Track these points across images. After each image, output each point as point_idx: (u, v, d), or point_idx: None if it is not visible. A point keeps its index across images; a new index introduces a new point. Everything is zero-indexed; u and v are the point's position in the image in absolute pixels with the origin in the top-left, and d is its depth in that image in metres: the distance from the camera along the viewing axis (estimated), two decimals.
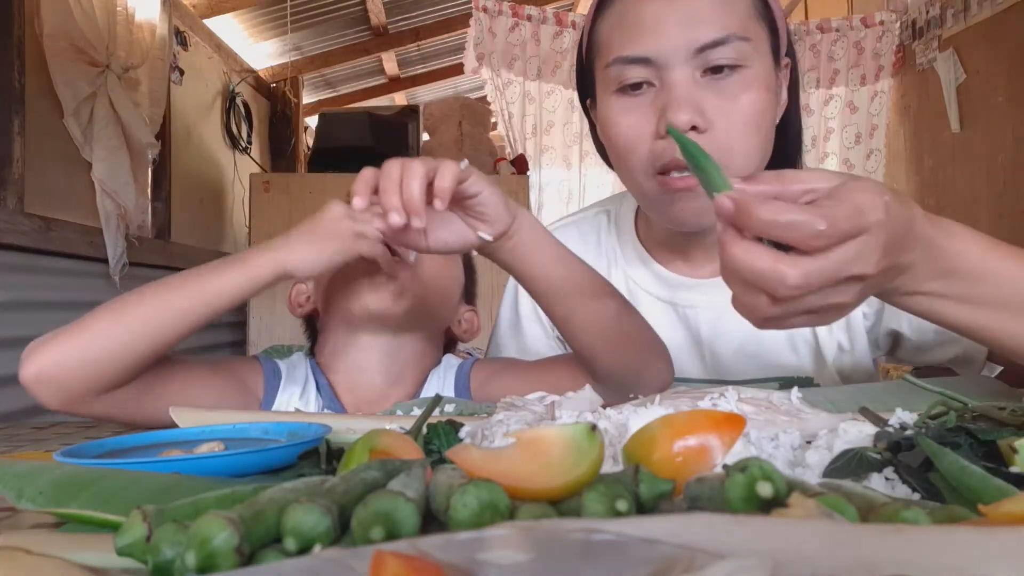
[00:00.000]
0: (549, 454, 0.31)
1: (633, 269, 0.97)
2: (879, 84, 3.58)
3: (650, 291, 0.95)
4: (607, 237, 1.01)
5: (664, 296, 0.94)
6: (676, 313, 0.93)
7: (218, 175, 3.73)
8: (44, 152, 2.29)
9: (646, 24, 0.78)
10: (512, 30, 3.53)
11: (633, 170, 0.82)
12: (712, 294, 0.90)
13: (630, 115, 0.80)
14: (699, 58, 0.76)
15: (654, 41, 0.77)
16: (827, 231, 0.44)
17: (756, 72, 0.78)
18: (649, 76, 0.79)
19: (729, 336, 0.91)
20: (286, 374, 0.87)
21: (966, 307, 0.55)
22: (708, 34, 0.76)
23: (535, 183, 3.60)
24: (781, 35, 0.84)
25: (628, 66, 0.79)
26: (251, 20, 3.83)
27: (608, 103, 0.83)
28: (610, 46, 0.81)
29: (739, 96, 0.77)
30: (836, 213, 0.45)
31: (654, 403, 0.51)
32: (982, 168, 2.91)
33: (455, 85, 5.69)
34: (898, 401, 0.53)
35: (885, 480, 0.37)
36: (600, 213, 1.04)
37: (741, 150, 0.78)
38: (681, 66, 0.77)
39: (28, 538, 0.34)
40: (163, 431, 0.55)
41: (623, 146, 0.82)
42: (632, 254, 0.98)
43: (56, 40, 2.26)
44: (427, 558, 0.20)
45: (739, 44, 0.77)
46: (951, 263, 0.53)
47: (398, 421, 0.59)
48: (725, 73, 0.77)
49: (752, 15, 0.80)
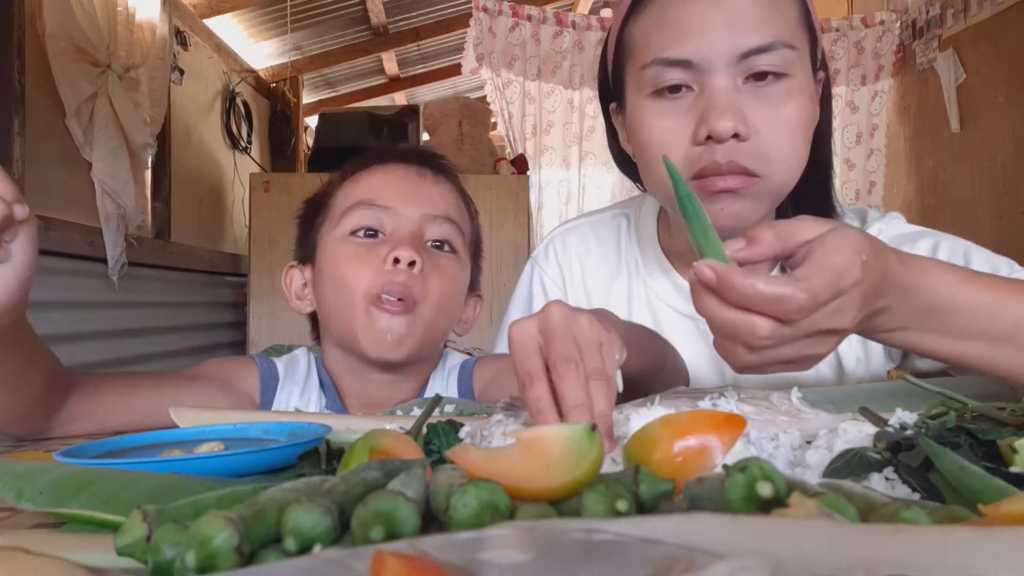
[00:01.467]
0: (549, 454, 0.30)
1: (654, 280, 0.94)
2: (879, 84, 3.58)
3: (671, 304, 0.92)
4: (628, 244, 0.98)
5: (685, 310, 0.91)
6: (697, 328, 0.90)
7: (218, 175, 3.73)
8: (44, 152, 2.29)
9: (689, 25, 0.75)
10: (512, 30, 3.53)
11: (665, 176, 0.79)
12: None
13: (666, 119, 0.77)
14: (743, 64, 0.74)
15: (696, 43, 0.74)
16: (807, 306, 0.46)
17: (800, 82, 0.76)
18: (688, 80, 0.76)
19: None
20: (284, 373, 0.87)
21: (946, 339, 0.57)
22: (754, 39, 0.73)
23: (535, 183, 3.60)
24: (820, 46, 0.82)
25: (667, 68, 0.76)
26: (251, 20, 3.83)
27: (642, 106, 0.79)
28: (646, 47, 0.78)
29: (782, 105, 0.75)
30: (815, 284, 0.46)
31: (654, 403, 0.51)
32: (982, 168, 2.91)
33: (455, 85, 5.69)
34: (898, 401, 0.53)
35: (885, 480, 0.37)
36: (619, 216, 1.01)
37: (784, 160, 0.76)
38: (724, 71, 0.74)
39: (28, 538, 0.34)
40: (163, 431, 0.55)
41: (656, 151, 0.78)
42: (654, 265, 0.95)
43: (58, 40, 2.26)
44: (427, 558, 0.20)
45: (785, 52, 0.74)
46: (925, 300, 0.55)
47: (398, 421, 0.58)
48: (768, 80, 0.75)
49: (799, 23, 0.77)
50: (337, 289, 0.82)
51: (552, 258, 1.01)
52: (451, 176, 0.91)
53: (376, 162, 0.89)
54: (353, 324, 0.81)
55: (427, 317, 0.81)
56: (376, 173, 0.87)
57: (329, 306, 0.84)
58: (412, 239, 0.82)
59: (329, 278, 0.84)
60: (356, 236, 0.83)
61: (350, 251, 0.83)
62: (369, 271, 0.80)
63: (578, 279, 0.99)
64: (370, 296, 0.80)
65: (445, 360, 0.92)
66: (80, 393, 0.73)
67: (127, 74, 2.56)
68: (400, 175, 0.86)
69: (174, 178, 3.19)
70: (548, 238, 1.05)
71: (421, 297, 0.80)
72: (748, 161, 0.74)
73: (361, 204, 0.83)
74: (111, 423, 0.73)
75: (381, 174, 0.87)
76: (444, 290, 0.83)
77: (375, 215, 0.83)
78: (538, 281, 1.01)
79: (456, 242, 0.86)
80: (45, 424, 0.71)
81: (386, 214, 0.83)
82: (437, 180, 0.88)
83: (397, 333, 0.79)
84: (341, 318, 0.83)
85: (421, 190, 0.86)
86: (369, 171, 0.88)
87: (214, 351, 3.33)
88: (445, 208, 0.86)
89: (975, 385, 0.65)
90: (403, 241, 0.81)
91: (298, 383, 0.86)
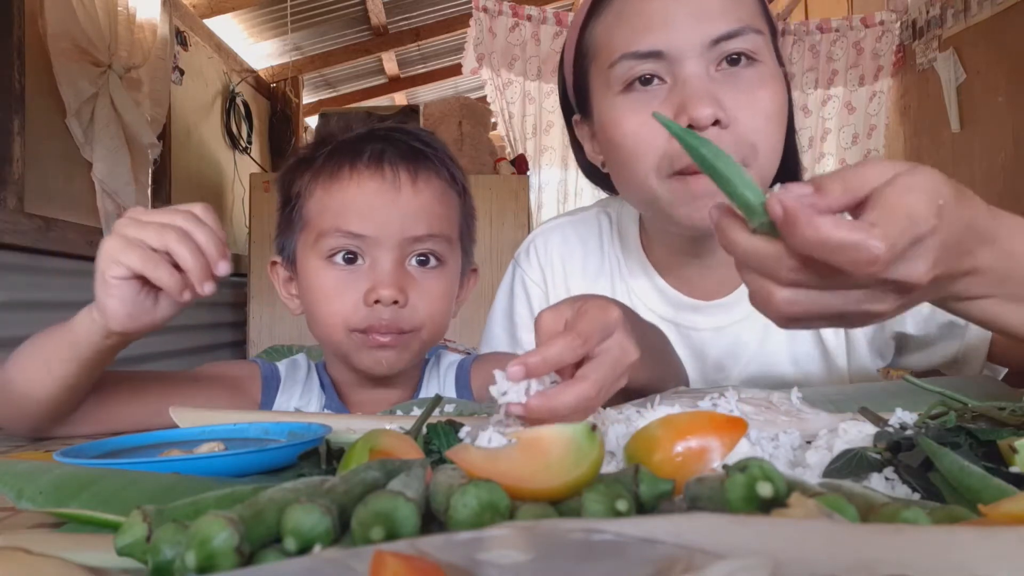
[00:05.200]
0: (549, 454, 0.30)
1: (637, 282, 0.92)
2: (878, 84, 3.58)
3: (653, 309, 0.91)
4: (610, 245, 0.96)
5: (667, 315, 0.90)
6: (679, 332, 0.89)
7: (218, 175, 3.74)
8: (44, 152, 2.29)
9: (653, 19, 0.74)
10: (512, 30, 3.53)
11: (643, 173, 0.76)
12: (717, 316, 0.88)
13: (640, 113, 0.74)
14: (714, 50, 0.73)
15: (664, 34, 0.73)
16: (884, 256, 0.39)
17: (770, 68, 0.76)
18: (660, 71, 0.74)
19: (735, 358, 0.88)
20: (285, 375, 0.87)
21: None
22: (722, 26, 0.73)
23: (535, 183, 3.60)
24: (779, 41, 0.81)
25: (637, 62, 0.74)
26: (251, 20, 3.83)
27: (613, 104, 0.77)
28: (611, 45, 0.77)
29: (757, 90, 0.74)
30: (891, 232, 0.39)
31: (654, 403, 0.51)
32: (982, 168, 2.91)
33: (455, 85, 5.69)
34: (898, 401, 0.53)
35: (885, 480, 0.37)
36: (601, 214, 1.00)
37: (766, 147, 0.74)
38: (696, 59, 0.73)
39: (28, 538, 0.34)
40: (163, 431, 0.55)
41: (632, 146, 0.76)
42: (636, 267, 0.93)
43: (59, 40, 2.26)
44: (427, 558, 0.20)
45: (754, 36, 0.74)
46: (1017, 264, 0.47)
47: (398, 421, 0.58)
48: (742, 64, 0.74)
49: (760, 14, 0.77)
50: (319, 316, 0.79)
51: (534, 259, 0.99)
52: (432, 166, 0.82)
53: (347, 165, 0.80)
54: (343, 350, 0.79)
55: (420, 338, 0.80)
56: (348, 188, 0.79)
57: (317, 328, 0.81)
58: (394, 269, 0.77)
59: (311, 303, 0.81)
60: (335, 260, 0.79)
61: (330, 280, 0.78)
62: (350, 304, 0.77)
63: (560, 280, 0.97)
64: (357, 330, 0.77)
65: (441, 359, 0.92)
66: None
67: (128, 74, 2.57)
68: (374, 190, 0.78)
69: (174, 178, 3.19)
70: (530, 238, 1.02)
71: (410, 326, 0.78)
72: (731, 150, 0.71)
73: (337, 231, 0.78)
74: (115, 424, 0.72)
75: (354, 189, 0.79)
76: (434, 311, 0.80)
77: (353, 242, 0.78)
78: (519, 283, 1.00)
79: (442, 252, 0.81)
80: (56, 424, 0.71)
81: (363, 241, 0.77)
82: (416, 187, 0.79)
83: (390, 360, 0.78)
84: (329, 343, 0.81)
85: (399, 209, 0.78)
86: (340, 183, 0.79)
87: (214, 351, 3.33)
88: (428, 222, 0.79)
89: (975, 385, 0.65)
90: (383, 277, 0.76)
91: (299, 384, 0.87)
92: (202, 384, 0.81)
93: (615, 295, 0.92)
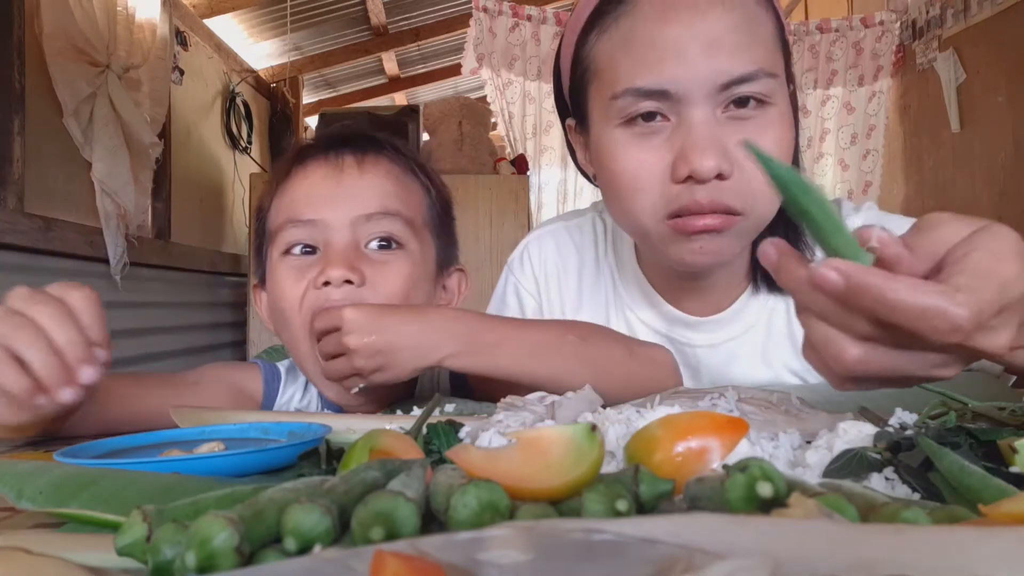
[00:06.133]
0: (549, 454, 0.30)
1: (631, 296, 0.91)
2: (878, 84, 3.58)
3: (647, 323, 0.89)
4: (604, 255, 0.94)
5: (661, 330, 0.89)
6: (673, 347, 0.86)
7: (218, 175, 3.74)
8: (44, 152, 2.29)
9: (663, 51, 0.69)
10: (512, 30, 3.53)
11: (638, 210, 0.74)
12: (712, 332, 0.87)
13: (640, 152, 0.72)
14: (723, 94, 0.69)
15: (672, 71, 0.69)
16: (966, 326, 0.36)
17: (780, 110, 0.72)
18: (664, 109, 0.71)
19: (731, 376, 0.87)
20: (286, 375, 0.87)
21: None
22: (735, 67, 0.69)
23: (535, 183, 3.60)
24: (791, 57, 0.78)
25: (641, 99, 0.71)
26: (251, 20, 3.83)
27: (611, 135, 0.74)
28: (615, 73, 0.73)
29: (763, 135, 0.70)
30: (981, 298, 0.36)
31: (654, 403, 0.51)
32: (982, 168, 2.91)
33: (455, 85, 5.69)
34: (898, 401, 0.53)
35: (885, 480, 0.37)
36: (596, 219, 0.98)
37: (766, 196, 0.70)
38: (703, 102, 0.69)
39: (28, 538, 0.34)
40: (163, 431, 0.55)
41: (630, 185, 0.73)
42: (631, 279, 0.91)
43: (55, 40, 2.26)
44: (427, 558, 0.20)
45: (767, 81, 0.70)
46: None
47: (398, 421, 0.58)
48: (750, 107, 0.70)
49: (776, 43, 0.73)
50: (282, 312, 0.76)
51: (528, 268, 0.97)
52: (385, 151, 0.80)
53: (296, 163, 0.80)
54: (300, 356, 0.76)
55: None
56: (296, 180, 0.78)
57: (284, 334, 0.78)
58: (346, 251, 0.74)
59: (275, 300, 0.78)
60: (292, 255, 0.76)
61: (285, 272, 0.76)
62: (301, 290, 0.74)
63: (554, 289, 0.95)
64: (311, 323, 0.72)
65: None
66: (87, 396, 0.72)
67: (127, 74, 2.56)
68: (321, 177, 0.77)
69: (174, 178, 3.19)
70: (524, 243, 1.00)
71: None
72: (732, 199, 0.70)
73: (288, 222, 0.76)
74: (115, 425, 0.72)
75: (301, 179, 0.78)
76: (396, 293, 0.75)
77: (305, 231, 0.75)
78: (512, 291, 0.98)
79: (400, 234, 0.77)
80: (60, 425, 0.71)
81: (315, 228, 0.75)
82: (363, 169, 0.78)
83: None
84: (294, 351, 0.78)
85: (345, 189, 0.76)
86: (290, 178, 0.79)
87: (214, 351, 3.34)
88: (380, 201, 0.76)
89: (975, 385, 0.65)
90: (334, 258, 0.73)
91: (299, 385, 0.87)
92: (203, 385, 0.81)
93: (609, 307, 0.92)
